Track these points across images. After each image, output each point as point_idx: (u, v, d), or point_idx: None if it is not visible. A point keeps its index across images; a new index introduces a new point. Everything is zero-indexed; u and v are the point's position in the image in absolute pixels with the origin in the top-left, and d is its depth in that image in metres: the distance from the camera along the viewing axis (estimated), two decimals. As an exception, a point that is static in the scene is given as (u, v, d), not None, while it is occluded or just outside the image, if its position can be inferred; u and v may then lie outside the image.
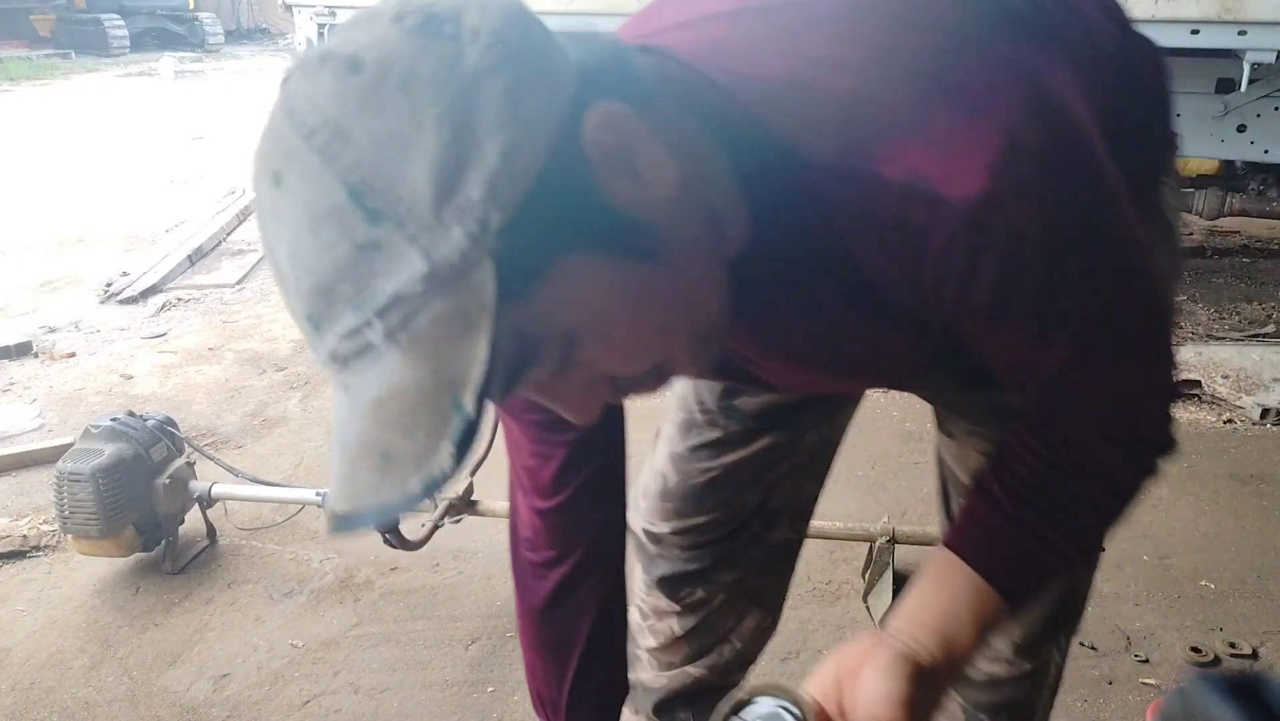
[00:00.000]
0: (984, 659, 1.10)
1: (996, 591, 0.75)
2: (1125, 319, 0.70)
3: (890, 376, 0.90)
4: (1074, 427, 0.75)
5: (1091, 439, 0.75)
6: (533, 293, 0.58)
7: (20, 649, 1.97)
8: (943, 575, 0.77)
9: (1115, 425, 0.75)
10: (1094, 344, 0.69)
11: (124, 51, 15.59)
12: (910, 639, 0.73)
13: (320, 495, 2.05)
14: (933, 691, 0.73)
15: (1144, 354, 0.73)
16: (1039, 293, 0.65)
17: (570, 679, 1.04)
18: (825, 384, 0.93)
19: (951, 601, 0.75)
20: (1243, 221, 4.66)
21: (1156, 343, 0.74)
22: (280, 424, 2.98)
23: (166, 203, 5.89)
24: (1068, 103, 0.65)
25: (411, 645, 1.97)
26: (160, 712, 1.80)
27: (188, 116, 9.53)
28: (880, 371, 0.86)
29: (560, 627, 1.04)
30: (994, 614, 0.75)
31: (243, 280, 4.41)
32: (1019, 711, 1.15)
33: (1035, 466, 0.75)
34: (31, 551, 2.30)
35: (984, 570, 0.75)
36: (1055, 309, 0.67)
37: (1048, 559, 0.75)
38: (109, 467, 2.04)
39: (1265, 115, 3.17)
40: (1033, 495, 0.75)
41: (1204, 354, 3.11)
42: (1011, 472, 0.76)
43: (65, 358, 3.52)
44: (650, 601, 1.28)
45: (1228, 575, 2.13)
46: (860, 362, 0.81)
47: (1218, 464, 2.63)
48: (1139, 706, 1.75)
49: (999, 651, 1.10)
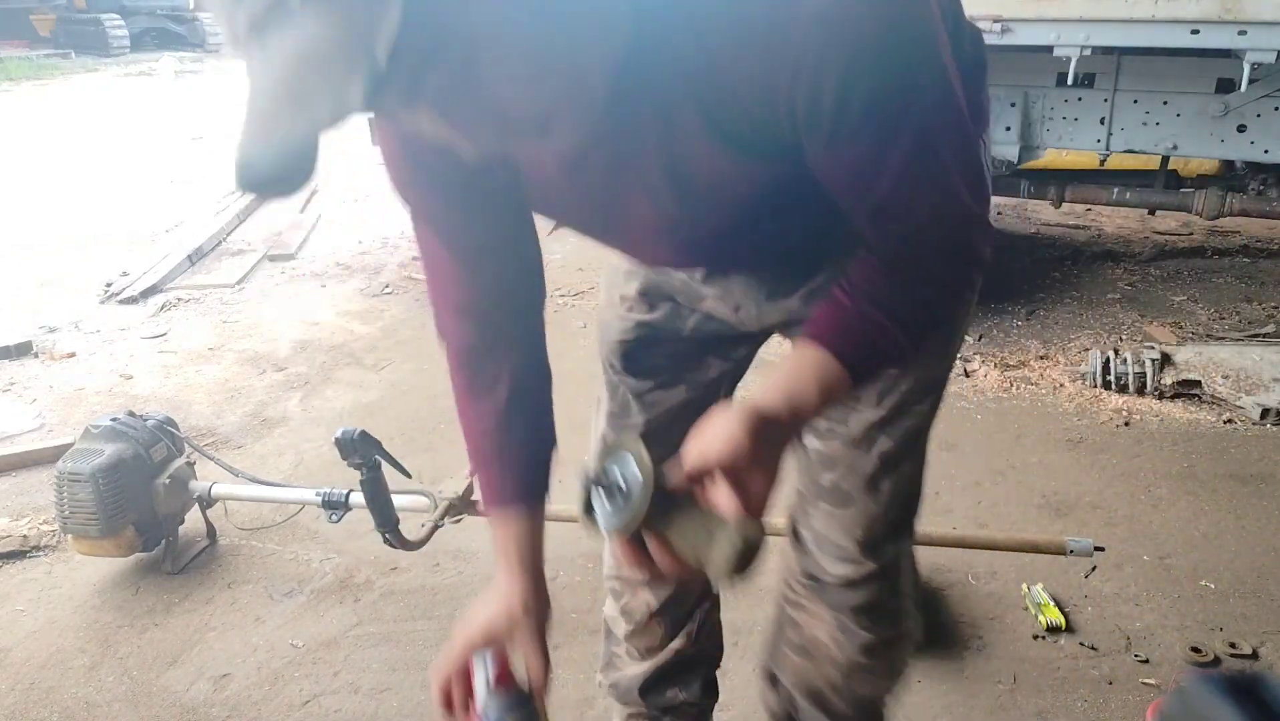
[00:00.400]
0: (832, 559, 1.21)
1: (840, 363, 0.88)
2: (944, 143, 0.85)
3: (731, 220, 0.98)
4: (902, 241, 0.90)
5: (917, 249, 0.90)
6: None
7: (20, 649, 1.97)
8: (794, 357, 0.90)
9: (936, 237, 0.90)
10: (919, 161, 0.83)
11: (124, 51, 15.59)
12: (756, 399, 0.85)
13: (320, 495, 2.05)
14: (775, 436, 0.83)
15: (955, 179, 0.87)
16: (876, 101, 0.78)
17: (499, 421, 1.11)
18: (669, 231, 1.00)
19: (798, 370, 0.89)
20: (1243, 221, 4.66)
21: (968, 169, 0.89)
22: (280, 424, 2.98)
23: (166, 203, 5.90)
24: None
25: (411, 645, 1.97)
26: (160, 712, 1.80)
27: (188, 116, 9.53)
28: (722, 209, 0.95)
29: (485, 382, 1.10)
30: (836, 381, 0.88)
31: (243, 280, 4.41)
32: (880, 614, 1.24)
33: (870, 273, 0.90)
34: (31, 551, 2.30)
35: (828, 344, 0.89)
36: (888, 122, 0.79)
37: (882, 341, 0.90)
38: (109, 467, 2.04)
39: (1265, 115, 3.16)
40: (871, 291, 0.90)
41: (1204, 354, 3.11)
42: (851, 280, 0.91)
43: (65, 358, 3.52)
44: (621, 576, 1.37)
45: (1228, 575, 2.14)
46: (706, 196, 0.91)
47: (1218, 464, 2.63)
48: (1139, 706, 1.75)
49: (846, 551, 1.20)
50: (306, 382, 3.29)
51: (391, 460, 1.86)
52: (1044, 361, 3.32)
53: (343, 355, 3.53)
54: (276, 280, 4.45)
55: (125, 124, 9.13)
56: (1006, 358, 3.35)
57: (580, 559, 2.21)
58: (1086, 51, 2.89)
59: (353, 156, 7.24)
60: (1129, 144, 3.39)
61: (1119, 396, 3.03)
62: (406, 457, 2.00)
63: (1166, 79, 3.28)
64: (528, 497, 1.11)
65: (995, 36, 2.96)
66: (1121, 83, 3.33)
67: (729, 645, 1.92)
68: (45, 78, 12.74)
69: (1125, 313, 3.79)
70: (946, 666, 1.86)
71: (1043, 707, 1.76)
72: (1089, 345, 3.42)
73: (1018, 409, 2.99)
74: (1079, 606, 2.03)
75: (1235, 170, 3.97)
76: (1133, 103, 3.34)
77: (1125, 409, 2.95)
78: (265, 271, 4.58)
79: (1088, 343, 3.46)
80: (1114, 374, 3.04)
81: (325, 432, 2.87)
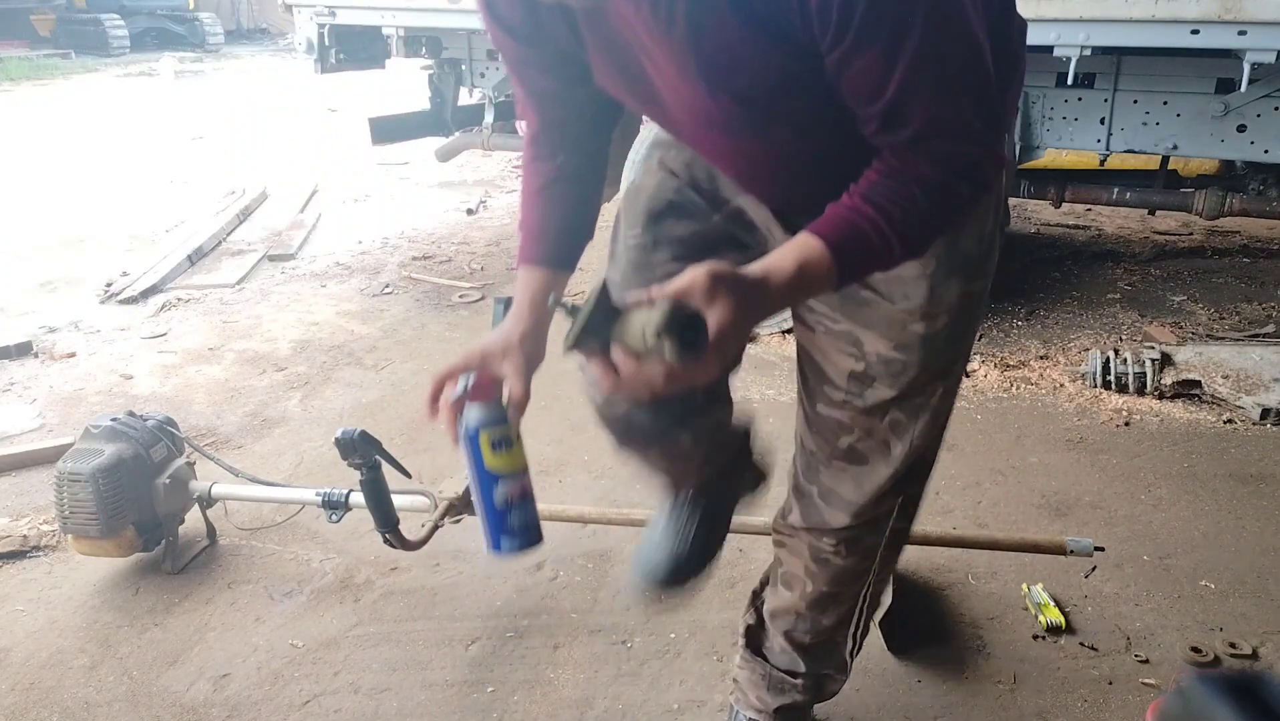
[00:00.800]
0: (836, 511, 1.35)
1: (823, 245, 0.96)
2: (953, 57, 0.93)
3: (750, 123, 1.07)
4: (905, 146, 0.98)
5: (918, 155, 0.98)
6: None
7: (20, 649, 1.97)
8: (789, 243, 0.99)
9: (937, 147, 0.97)
10: (925, 69, 0.92)
11: (124, 51, 15.59)
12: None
13: (320, 495, 2.05)
14: (737, 288, 0.92)
15: (962, 98, 0.96)
16: (887, 13, 0.89)
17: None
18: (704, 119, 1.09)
19: (782, 249, 0.98)
20: (1243, 221, 4.66)
21: (979, 94, 0.97)
22: (280, 424, 2.98)
23: (166, 203, 5.90)
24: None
25: (411, 645, 1.97)
26: (160, 712, 1.80)
27: (188, 116, 9.54)
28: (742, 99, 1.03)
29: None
30: (816, 260, 0.96)
31: (243, 280, 4.41)
32: (856, 547, 1.39)
33: (870, 174, 0.99)
34: (31, 551, 2.30)
35: (816, 230, 0.97)
36: (895, 28, 0.90)
37: (871, 233, 0.97)
38: (109, 467, 2.04)
39: (1265, 115, 3.16)
40: (867, 189, 0.98)
41: (1204, 354, 3.11)
42: (857, 187, 0.99)
43: (65, 358, 3.52)
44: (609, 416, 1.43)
45: (1228, 575, 2.14)
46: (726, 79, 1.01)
47: (1218, 464, 2.63)
48: (1139, 706, 1.75)
49: (851, 504, 1.34)
50: (306, 383, 3.30)
51: (391, 460, 1.86)
52: (1044, 361, 3.32)
53: (343, 355, 3.53)
54: (276, 280, 4.45)
55: (125, 124, 9.13)
56: (1006, 357, 3.35)
57: (581, 558, 2.21)
58: (1086, 51, 2.89)
59: (353, 157, 7.26)
60: (1129, 144, 3.39)
61: (1119, 396, 3.03)
62: (406, 458, 2.00)
63: (1166, 79, 3.28)
64: (552, 262, 1.26)
65: (995, 36, 2.96)
66: (1121, 83, 3.33)
67: (728, 645, 1.92)
68: (45, 78, 12.74)
69: (1125, 313, 3.79)
70: (946, 666, 1.87)
71: (1043, 707, 1.76)
72: (1089, 345, 3.42)
73: (1018, 409, 2.99)
74: (1079, 606, 2.03)
75: (1235, 170, 3.97)
76: (1133, 103, 3.34)
77: (1125, 409, 2.95)
78: (265, 271, 4.58)
79: (1088, 343, 3.47)
80: (1114, 374, 3.04)
81: (325, 432, 2.87)
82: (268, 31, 20.12)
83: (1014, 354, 3.38)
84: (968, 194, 1.01)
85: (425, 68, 4.97)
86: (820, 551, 1.40)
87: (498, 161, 7.04)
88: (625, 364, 0.92)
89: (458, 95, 4.96)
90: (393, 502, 1.88)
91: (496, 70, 4.59)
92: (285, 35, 16.73)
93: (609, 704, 1.79)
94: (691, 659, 1.90)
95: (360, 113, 6.32)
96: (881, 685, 1.82)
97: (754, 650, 1.61)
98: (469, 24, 4.02)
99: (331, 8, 4.41)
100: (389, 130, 4.96)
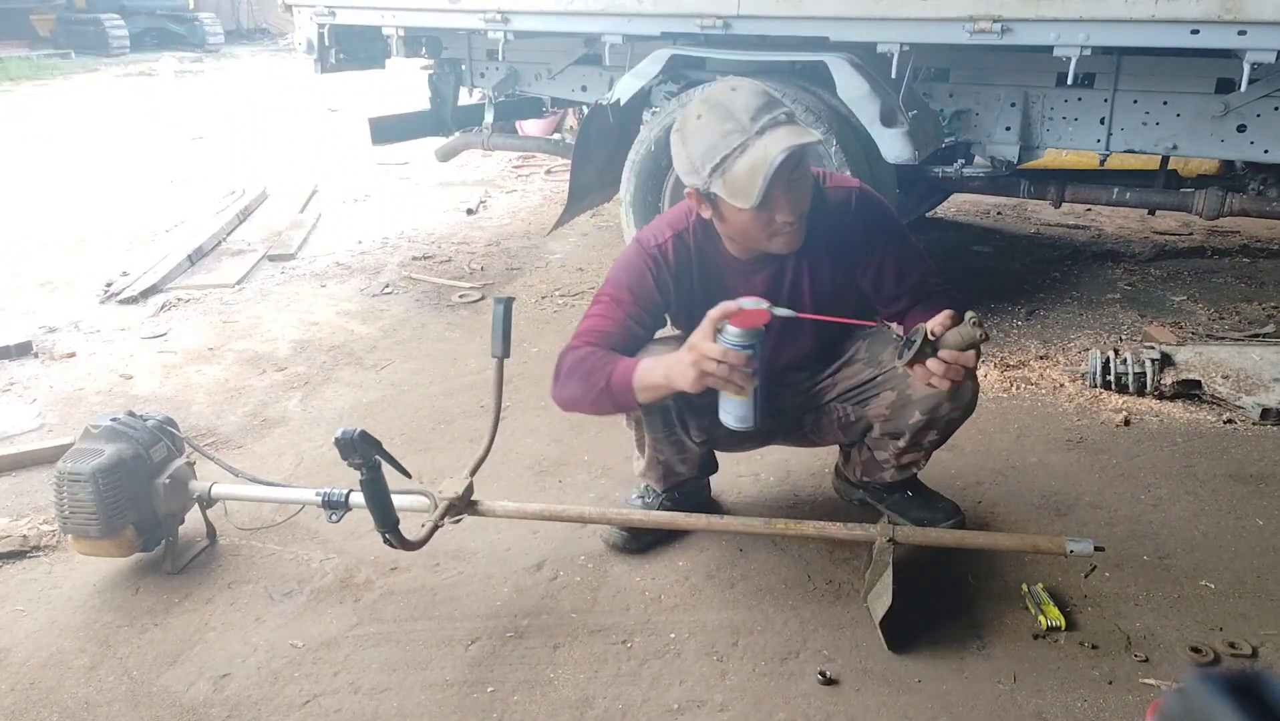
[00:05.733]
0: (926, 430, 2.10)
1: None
2: (925, 258, 2.04)
3: (822, 326, 1.86)
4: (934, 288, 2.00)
5: (940, 287, 2.00)
6: None
7: (20, 649, 1.97)
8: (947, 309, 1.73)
9: (940, 282, 2.01)
10: (925, 264, 2.02)
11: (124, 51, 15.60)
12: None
13: (320, 495, 2.05)
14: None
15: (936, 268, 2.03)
16: (900, 239, 2.00)
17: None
18: (800, 335, 2.04)
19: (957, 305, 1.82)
20: (1243, 221, 4.67)
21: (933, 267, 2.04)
22: (280, 424, 2.98)
23: (166, 203, 5.90)
24: (882, 200, 2.04)
25: (411, 645, 1.97)
26: (160, 712, 1.80)
27: (188, 116, 9.54)
28: (822, 309, 1.93)
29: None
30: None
31: (243, 280, 4.41)
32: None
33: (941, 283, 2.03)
34: (31, 551, 2.30)
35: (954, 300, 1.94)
36: (907, 250, 2.00)
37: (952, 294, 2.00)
38: (109, 467, 2.04)
39: (1265, 115, 3.17)
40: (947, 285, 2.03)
41: (1204, 354, 3.11)
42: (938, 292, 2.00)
43: (65, 358, 3.52)
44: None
45: (1228, 575, 2.14)
46: (821, 299, 1.98)
47: (1218, 464, 2.63)
48: (1139, 706, 1.75)
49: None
50: (306, 383, 3.30)
51: (391, 460, 1.86)
52: (1044, 361, 3.32)
53: (343, 355, 3.53)
54: (276, 280, 4.45)
55: (125, 124, 9.14)
56: (1006, 358, 3.35)
57: (581, 558, 2.21)
58: (1086, 51, 2.89)
59: (353, 157, 7.26)
60: (1129, 144, 3.40)
61: (1119, 396, 3.03)
62: (406, 458, 2.00)
63: (1166, 79, 3.28)
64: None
65: (995, 36, 2.97)
66: (1121, 83, 3.33)
67: (728, 645, 1.93)
68: (45, 78, 12.74)
69: (1125, 313, 3.79)
70: (946, 666, 1.87)
71: (1043, 707, 1.76)
72: (1089, 345, 3.42)
73: (1018, 409, 2.99)
74: (1079, 606, 2.03)
75: (1235, 170, 3.97)
76: (1133, 103, 3.34)
77: (1125, 409, 2.95)
78: (265, 271, 4.58)
79: (1088, 343, 3.47)
80: (1114, 374, 3.04)
81: (325, 432, 2.87)
82: (268, 31, 20.13)
83: (1014, 354, 3.39)
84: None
85: (425, 68, 4.98)
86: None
87: (498, 161, 7.04)
88: (956, 358, 1.63)
89: (458, 95, 4.96)
90: (393, 502, 1.87)
91: (496, 70, 4.59)
92: (285, 35, 16.75)
93: (609, 704, 1.79)
94: (691, 659, 1.90)
95: (360, 113, 6.32)
96: (881, 685, 1.82)
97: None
98: (469, 24, 4.02)
99: (331, 8, 4.41)
100: (389, 130, 4.97)
